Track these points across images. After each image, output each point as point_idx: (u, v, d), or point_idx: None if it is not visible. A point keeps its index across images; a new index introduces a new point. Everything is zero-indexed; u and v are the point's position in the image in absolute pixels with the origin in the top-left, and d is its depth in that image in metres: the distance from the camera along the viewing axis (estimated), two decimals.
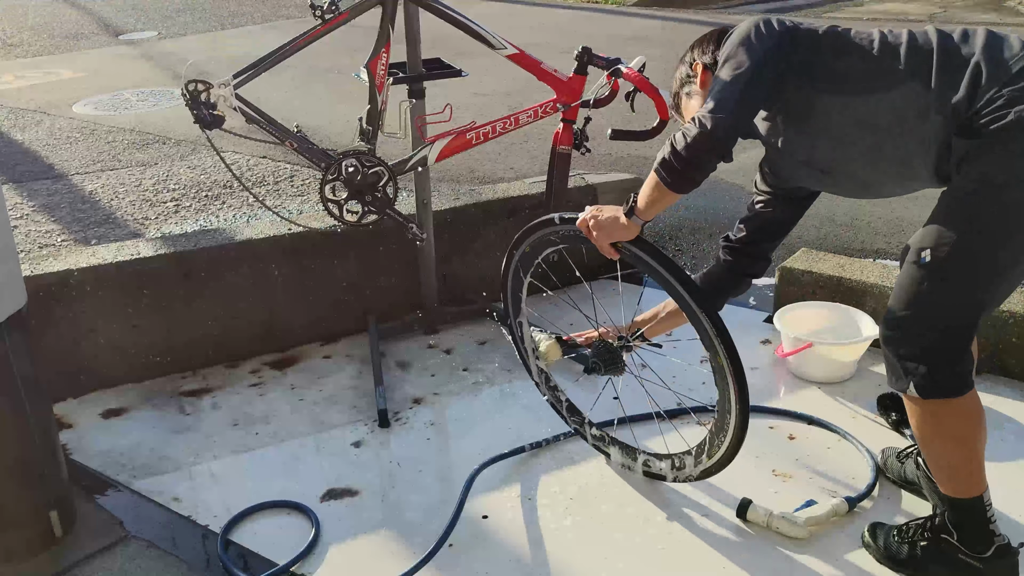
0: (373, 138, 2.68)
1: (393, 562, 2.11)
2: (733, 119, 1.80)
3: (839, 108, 1.83)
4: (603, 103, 2.67)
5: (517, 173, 4.59)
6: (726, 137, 1.81)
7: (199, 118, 2.51)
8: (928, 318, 1.78)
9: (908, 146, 1.79)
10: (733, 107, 1.79)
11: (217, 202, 4.13)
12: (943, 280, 1.75)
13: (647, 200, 1.94)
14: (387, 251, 3.17)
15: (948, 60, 1.73)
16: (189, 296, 2.93)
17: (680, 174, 1.85)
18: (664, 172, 1.87)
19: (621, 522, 2.21)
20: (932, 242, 1.75)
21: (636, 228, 2.01)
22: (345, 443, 2.58)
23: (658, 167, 1.88)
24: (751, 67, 1.80)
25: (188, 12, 10.39)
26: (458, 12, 2.70)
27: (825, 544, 2.11)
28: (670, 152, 1.84)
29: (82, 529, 2.23)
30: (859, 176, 1.93)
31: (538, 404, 2.72)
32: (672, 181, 1.87)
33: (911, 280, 1.79)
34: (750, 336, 3.07)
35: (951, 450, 1.86)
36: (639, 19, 9.13)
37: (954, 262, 1.73)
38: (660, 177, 1.88)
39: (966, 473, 1.87)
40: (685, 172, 1.85)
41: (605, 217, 2.04)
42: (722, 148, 1.82)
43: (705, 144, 1.80)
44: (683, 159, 1.82)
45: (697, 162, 1.83)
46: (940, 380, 1.78)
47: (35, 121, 5.74)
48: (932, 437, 1.86)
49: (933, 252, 1.74)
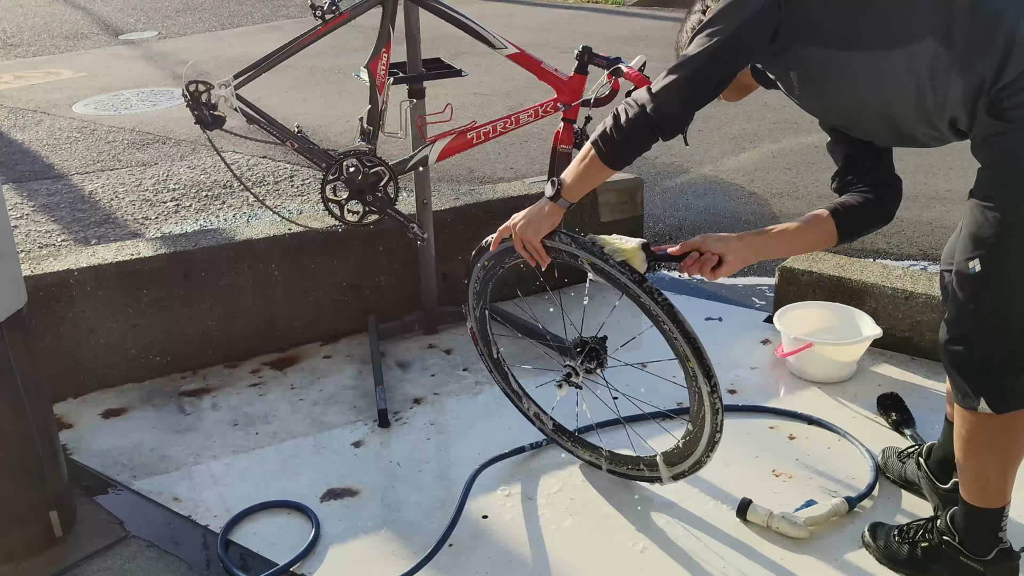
0: (374, 138, 2.68)
1: (393, 562, 2.11)
2: (674, 106, 1.77)
3: (853, 65, 1.72)
4: (604, 102, 2.67)
5: (517, 173, 4.59)
6: (663, 123, 1.79)
7: (200, 119, 2.51)
8: (989, 328, 1.71)
9: (925, 108, 1.69)
10: (676, 94, 1.76)
11: (217, 202, 4.13)
12: (997, 287, 1.68)
13: (578, 174, 1.91)
14: (387, 251, 3.17)
15: (974, 17, 1.58)
16: (189, 296, 2.93)
17: (617, 147, 1.84)
18: (603, 144, 1.85)
19: (621, 522, 2.21)
20: (976, 251, 1.67)
21: (560, 211, 1.96)
22: (345, 443, 2.58)
23: (596, 139, 1.87)
24: (713, 47, 1.72)
25: (188, 12, 10.39)
26: (458, 12, 2.70)
27: (825, 544, 2.11)
28: (611, 126, 1.83)
29: (82, 529, 2.23)
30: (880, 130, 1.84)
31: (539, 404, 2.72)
32: (608, 153, 1.85)
33: (964, 292, 1.71)
34: (750, 336, 3.07)
35: (995, 462, 1.81)
36: (639, 19, 9.13)
37: (1003, 266, 1.66)
38: (597, 149, 1.86)
39: (1001, 485, 1.83)
40: (622, 146, 1.84)
41: (526, 214, 1.99)
42: (659, 132, 1.81)
43: (642, 125, 1.79)
44: (623, 133, 1.82)
45: (633, 140, 1.82)
46: (1012, 393, 1.73)
47: (35, 121, 5.75)
48: (981, 449, 1.80)
49: (982, 261, 1.67)
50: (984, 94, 1.60)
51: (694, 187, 4.41)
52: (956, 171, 4.44)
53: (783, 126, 5.15)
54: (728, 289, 3.51)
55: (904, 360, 2.86)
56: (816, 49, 1.74)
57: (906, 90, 1.68)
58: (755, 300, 3.40)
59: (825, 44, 1.73)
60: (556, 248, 2.01)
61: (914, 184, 4.28)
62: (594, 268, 1.98)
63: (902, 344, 2.88)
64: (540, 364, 2.94)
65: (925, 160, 4.53)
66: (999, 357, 1.72)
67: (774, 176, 4.52)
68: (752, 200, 4.22)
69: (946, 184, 4.30)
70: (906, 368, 2.82)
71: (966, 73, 1.60)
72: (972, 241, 1.68)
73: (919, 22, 1.63)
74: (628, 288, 1.94)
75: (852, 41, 1.70)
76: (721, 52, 1.74)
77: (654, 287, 1.93)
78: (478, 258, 2.24)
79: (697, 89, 1.78)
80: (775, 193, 4.29)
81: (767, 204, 4.18)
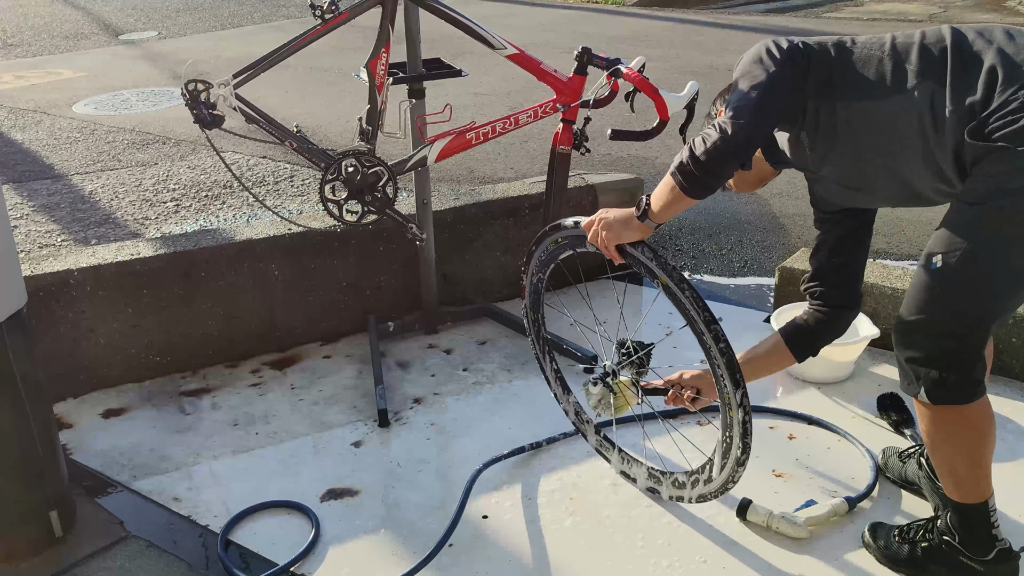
0: (373, 138, 2.68)
1: (393, 562, 2.11)
2: (752, 125, 1.78)
3: (858, 115, 1.80)
4: (603, 103, 2.67)
5: (517, 173, 4.59)
6: (746, 143, 1.79)
7: (199, 118, 2.51)
8: (938, 324, 1.77)
9: (929, 149, 1.75)
10: (752, 113, 1.77)
11: (217, 202, 4.13)
12: (952, 287, 1.74)
13: (662, 203, 1.92)
14: (387, 251, 3.17)
15: (962, 60, 1.70)
16: (189, 296, 2.93)
17: (698, 180, 1.83)
18: (681, 177, 1.84)
19: (621, 522, 2.21)
20: (943, 247, 1.73)
21: (647, 231, 1.99)
22: (345, 443, 2.58)
23: (675, 171, 1.85)
24: (767, 78, 1.78)
25: (188, 12, 10.40)
26: (458, 12, 2.70)
27: (825, 544, 2.11)
28: (688, 157, 1.82)
29: (82, 529, 2.23)
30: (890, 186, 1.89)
31: (538, 404, 2.73)
32: (689, 186, 1.85)
33: (922, 285, 1.78)
34: (749, 336, 3.05)
35: (959, 456, 1.85)
36: (639, 19, 9.13)
37: (963, 269, 1.71)
38: (677, 181, 1.85)
39: (973, 479, 1.86)
40: (703, 178, 1.83)
41: (614, 218, 2.02)
42: (742, 154, 1.81)
43: (725, 150, 1.78)
44: (701, 164, 1.81)
45: (716, 168, 1.81)
46: (951, 386, 1.77)
47: (35, 121, 5.75)
48: (941, 442, 1.85)
49: (944, 258, 1.72)
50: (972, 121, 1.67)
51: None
52: None
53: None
54: (728, 289, 3.51)
55: None
56: (826, 103, 1.82)
57: (912, 134, 1.75)
58: (755, 300, 3.39)
59: (833, 97, 1.81)
60: (635, 257, 2.03)
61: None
62: (666, 290, 2.01)
63: None
64: None
65: None
66: (946, 353, 1.77)
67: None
68: (752, 200, 4.22)
69: None
70: None
71: (958, 106, 1.69)
72: (942, 238, 1.74)
73: (919, 68, 1.73)
74: (695, 324, 1.96)
75: (859, 92, 1.79)
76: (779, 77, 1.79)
77: (721, 332, 1.92)
78: (553, 233, 2.25)
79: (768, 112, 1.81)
80: (775, 193, 4.29)
81: (767, 204, 4.18)
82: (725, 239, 3.86)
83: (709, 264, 3.68)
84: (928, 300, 1.77)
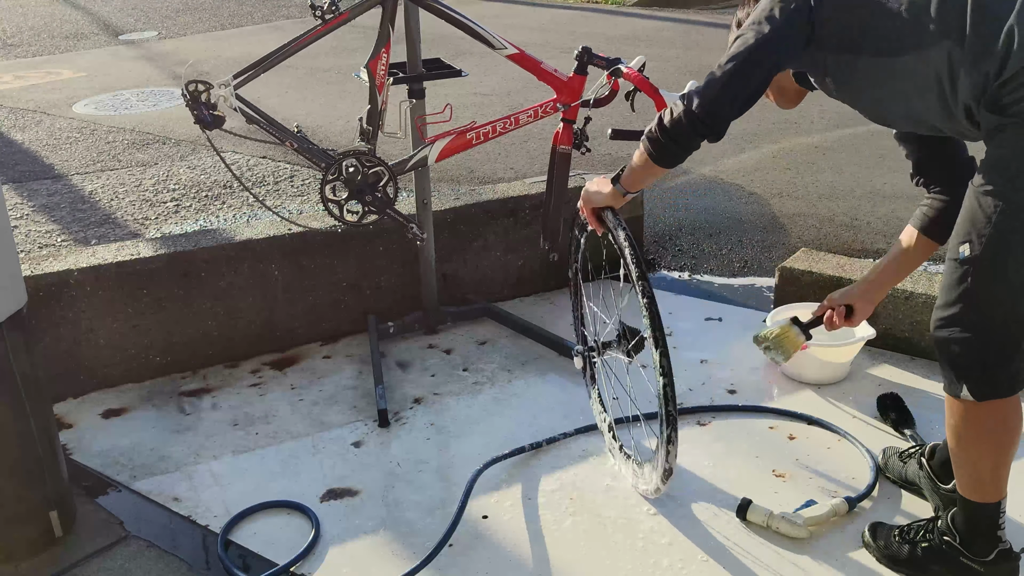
0: (373, 138, 2.68)
1: (393, 562, 2.11)
2: (717, 104, 1.82)
3: (875, 69, 1.78)
4: (603, 103, 2.67)
5: (517, 173, 4.59)
6: (710, 120, 1.84)
7: (199, 118, 2.51)
8: (977, 314, 1.72)
9: (947, 106, 1.73)
10: (719, 92, 1.81)
11: (217, 202, 4.13)
12: (985, 272, 1.70)
13: (632, 170, 2.00)
14: (387, 251, 3.17)
15: (982, 19, 1.63)
16: (189, 296, 2.93)
17: (663, 148, 1.90)
18: (649, 144, 1.92)
19: (621, 522, 2.21)
20: (968, 235, 1.70)
21: (619, 197, 2.07)
22: (345, 443, 2.58)
23: (644, 138, 1.93)
24: (751, 48, 1.80)
25: (188, 12, 10.40)
26: (458, 12, 2.70)
27: (825, 544, 2.11)
28: (657, 126, 1.89)
29: (82, 529, 2.23)
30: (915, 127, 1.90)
31: (538, 404, 2.73)
32: (656, 154, 1.92)
33: (953, 277, 1.73)
34: (750, 336, 3.06)
35: (986, 454, 1.81)
36: (639, 19, 9.13)
37: (992, 253, 1.68)
38: (645, 149, 1.93)
39: (994, 478, 1.83)
40: (668, 147, 1.90)
41: (592, 184, 2.11)
42: (704, 129, 1.85)
43: (687, 124, 1.84)
44: (667, 134, 1.88)
45: (680, 139, 1.87)
46: (996, 381, 1.74)
47: (35, 121, 5.75)
48: (971, 440, 1.81)
49: (971, 246, 1.69)
50: (985, 90, 1.65)
51: (694, 187, 4.40)
52: None
53: (783, 126, 5.15)
54: (728, 289, 3.51)
55: (904, 360, 2.86)
56: (846, 56, 1.81)
57: (929, 90, 1.73)
58: (755, 300, 3.39)
59: (853, 51, 1.80)
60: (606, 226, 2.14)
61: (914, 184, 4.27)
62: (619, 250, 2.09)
63: (902, 344, 2.88)
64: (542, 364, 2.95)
65: None
66: (985, 344, 1.73)
67: (774, 176, 4.52)
68: (752, 200, 4.22)
69: None
70: (906, 368, 2.82)
71: (973, 71, 1.65)
72: (965, 226, 1.72)
73: (938, 25, 1.68)
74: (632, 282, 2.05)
75: (878, 48, 1.76)
76: (756, 56, 1.81)
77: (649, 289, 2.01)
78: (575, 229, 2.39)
79: (735, 90, 1.84)
80: (775, 193, 4.29)
81: (767, 204, 4.18)
82: (725, 239, 3.86)
83: (709, 264, 3.68)
84: (962, 292, 1.72)
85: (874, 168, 4.45)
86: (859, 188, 4.22)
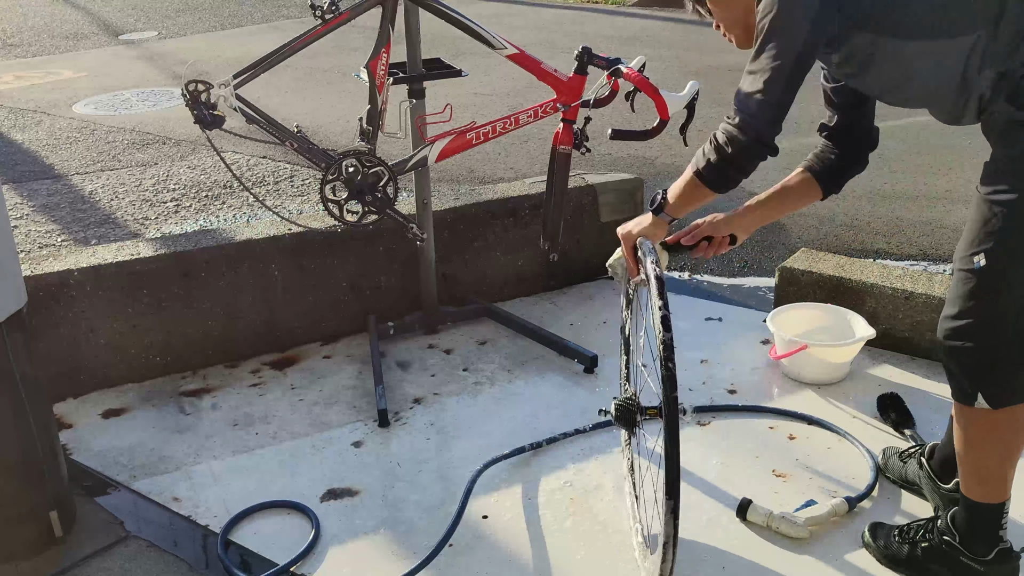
0: (373, 138, 2.68)
1: (393, 562, 2.11)
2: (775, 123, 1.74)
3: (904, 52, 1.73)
4: (603, 103, 2.67)
5: (517, 173, 4.59)
6: (771, 139, 1.75)
7: (199, 118, 2.51)
8: (992, 324, 1.70)
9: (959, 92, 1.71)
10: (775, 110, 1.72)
11: (217, 202, 4.13)
12: (1001, 282, 1.68)
13: (684, 196, 1.89)
14: (387, 251, 3.17)
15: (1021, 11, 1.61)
16: (189, 296, 2.93)
17: (721, 172, 1.80)
18: (704, 172, 1.81)
19: (621, 523, 2.21)
20: (982, 244, 1.67)
21: (663, 225, 1.96)
22: (345, 443, 2.58)
23: (699, 168, 1.82)
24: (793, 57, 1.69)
25: (188, 12, 10.40)
26: (458, 12, 2.70)
27: (825, 544, 2.11)
28: (714, 152, 1.78)
29: (82, 529, 2.23)
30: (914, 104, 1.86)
31: (538, 404, 2.73)
32: (712, 180, 1.82)
33: (968, 287, 1.71)
34: (750, 336, 3.07)
35: (994, 456, 1.81)
36: (639, 19, 9.13)
37: (1009, 261, 1.66)
38: (699, 176, 1.82)
39: (1000, 479, 1.83)
40: (727, 172, 1.80)
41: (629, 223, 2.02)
42: (768, 151, 1.78)
43: (750, 151, 1.75)
44: (732, 163, 1.77)
45: (742, 165, 1.78)
46: (1013, 388, 1.73)
47: (35, 121, 5.75)
48: (979, 442, 1.81)
49: (987, 255, 1.66)
50: (1007, 80, 1.63)
51: None
52: (956, 171, 4.44)
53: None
54: (728, 289, 3.51)
55: (904, 360, 2.86)
56: (869, 36, 1.73)
57: (952, 76, 1.70)
58: (755, 300, 3.40)
59: (879, 32, 1.72)
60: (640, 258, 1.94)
61: (914, 184, 4.28)
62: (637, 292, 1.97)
63: (902, 344, 2.88)
64: (541, 365, 2.95)
65: (925, 160, 4.54)
66: (1000, 352, 1.72)
67: (774, 176, 4.49)
68: None
69: (946, 184, 4.30)
70: (906, 368, 2.82)
71: (999, 64, 1.63)
72: (978, 235, 1.68)
73: (975, 13, 1.65)
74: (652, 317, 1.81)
75: (909, 31, 1.70)
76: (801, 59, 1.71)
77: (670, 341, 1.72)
78: None
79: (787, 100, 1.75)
80: None
81: None
82: None
83: (709, 264, 3.68)
84: (977, 303, 1.70)
85: (874, 168, 4.43)
86: (859, 188, 4.22)
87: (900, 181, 4.31)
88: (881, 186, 4.25)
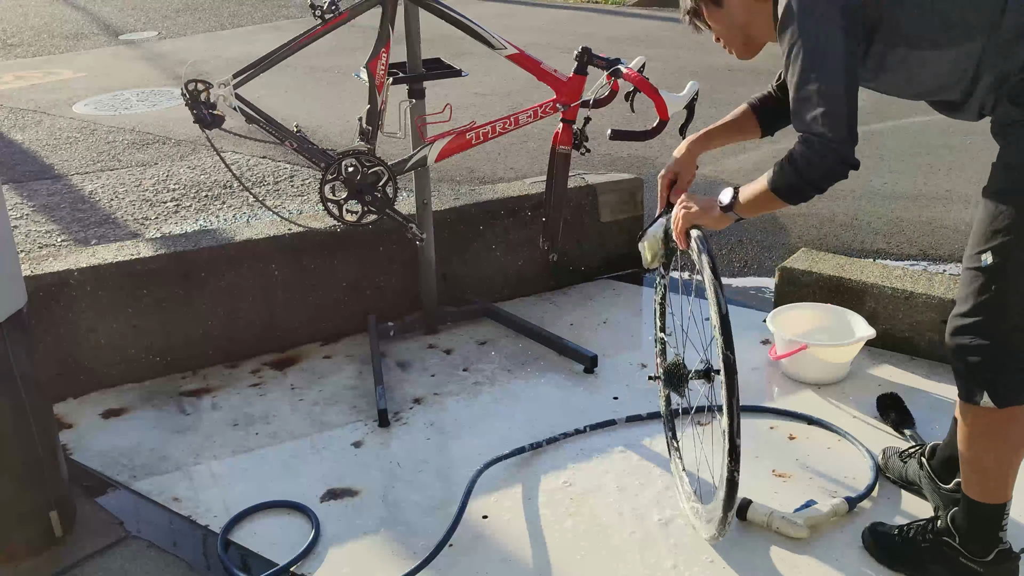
0: (373, 138, 2.68)
1: (393, 562, 2.11)
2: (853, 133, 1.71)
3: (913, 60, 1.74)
4: (603, 103, 2.67)
5: (517, 173, 4.59)
6: (853, 157, 1.73)
7: (199, 118, 2.51)
8: (999, 322, 1.71)
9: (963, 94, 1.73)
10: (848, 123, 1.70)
11: (217, 202, 4.13)
12: (1009, 280, 1.68)
13: (756, 203, 1.89)
14: (387, 251, 3.17)
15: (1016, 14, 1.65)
16: (189, 296, 2.93)
17: (802, 194, 1.80)
18: (784, 189, 1.80)
19: (621, 523, 2.21)
20: (989, 243, 1.68)
21: (725, 221, 1.98)
22: (345, 443, 2.58)
23: (780, 187, 1.81)
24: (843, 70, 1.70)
25: (188, 12, 10.40)
26: (458, 12, 2.70)
27: (825, 544, 2.11)
28: (794, 173, 1.76)
29: (82, 529, 2.23)
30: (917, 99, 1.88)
31: (538, 404, 2.73)
32: (790, 196, 1.81)
33: (975, 286, 1.71)
34: (750, 336, 3.07)
35: (996, 456, 1.81)
36: (639, 19, 9.13)
37: (1017, 259, 1.67)
38: (778, 192, 1.81)
39: (1003, 480, 1.83)
40: (808, 193, 1.79)
41: (698, 202, 2.02)
42: (851, 168, 1.75)
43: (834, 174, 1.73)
44: (807, 180, 1.76)
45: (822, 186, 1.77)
46: (1015, 387, 1.73)
47: (35, 121, 5.75)
48: (986, 444, 1.80)
49: (995, 253, 1.67)
50: (1007, 82, 1.65)
51: (694, 187, 4.36)
52: (956, 171, 4.44)
53: None
54: (728, 289, 3.51)
55: (904, 360, 2.86)
56: (880, 47, 1.75)
57: (959, 80, 1.73)
58: (755, 300, 3.39)
59: (892, 44, 1.74)
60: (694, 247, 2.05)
61: (914, 184, 4.28)
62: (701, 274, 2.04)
63: (902, 344, 2.88)
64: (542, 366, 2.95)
65: (925, 160, 4.53)
66: (1006, 351, 1.72)
67: None
68: None
69: (946, 184, 4.30)
70: (906, 368, 2.82)
71: (997, 67, 1.66)
72: (985, 234, 1.70)
73: (975, 22, 1.68)
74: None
75: (919, 41, 1.73)
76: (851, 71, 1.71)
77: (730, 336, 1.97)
78: None
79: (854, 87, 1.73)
80: None
81: None
82: (725, 239, 3.86)
83: None
84: (985, 301, 1.71)
85: (874, 168, 4.45)
86: (859, 188, 4.22)
87: (900, 181, 4.30)
88: (881, 186, 4.25)
